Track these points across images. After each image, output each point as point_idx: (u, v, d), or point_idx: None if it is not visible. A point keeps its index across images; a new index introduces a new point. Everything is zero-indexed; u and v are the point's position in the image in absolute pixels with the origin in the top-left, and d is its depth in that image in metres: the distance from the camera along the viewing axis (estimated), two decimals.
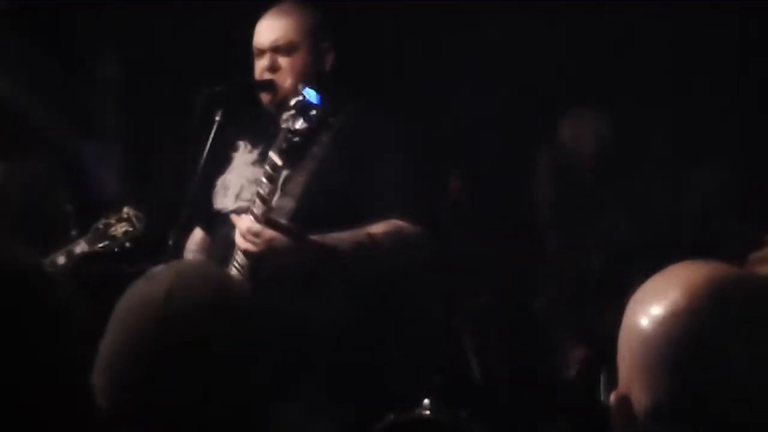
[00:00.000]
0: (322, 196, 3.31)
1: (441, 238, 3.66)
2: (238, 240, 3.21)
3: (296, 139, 3.18)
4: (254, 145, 3.54)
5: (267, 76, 3.44)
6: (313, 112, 3.18)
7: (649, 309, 1.53)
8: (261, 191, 3.21)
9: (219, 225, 3.47)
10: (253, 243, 3.18)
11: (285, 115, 3.20)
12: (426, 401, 3.69)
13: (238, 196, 3.47)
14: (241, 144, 3.57)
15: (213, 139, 3.37)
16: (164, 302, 1.71)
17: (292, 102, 3.19)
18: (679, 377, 1.48)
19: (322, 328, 3.29)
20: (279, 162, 3.18)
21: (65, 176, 4.45)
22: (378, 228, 3.30)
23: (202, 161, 3.36)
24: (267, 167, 3.21)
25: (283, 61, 3.44)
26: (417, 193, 3.42)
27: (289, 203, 3.31)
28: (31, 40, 4.59)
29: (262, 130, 3.52)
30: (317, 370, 3.29)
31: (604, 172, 4.41)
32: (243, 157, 3.55)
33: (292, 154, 3.21)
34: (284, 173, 3.26)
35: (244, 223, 3.20)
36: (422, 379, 3.89)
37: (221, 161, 3.52)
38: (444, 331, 4.44)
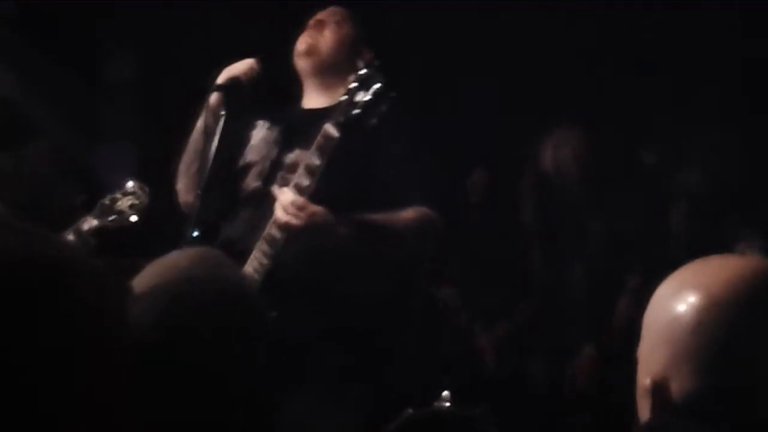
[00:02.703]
0: (343, 179, 3.27)
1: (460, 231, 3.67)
2: (279, 213, 3.15)
3: (356, 111, 3.13)
4: (273, 124, 3.52)
5: (310, 36, 3.46)
6: (378, 85, 3.13)
7: (689, 296, 1.55)
8: (310, 162, 3.16)
9: (237, 207, 3.44)
10: (296, 216, 3.12)
11: (344, 89, 3.16)
12: (445, 393, 3.67)
13: (258, 176, 3.44)
14: (259, 123, 3.55)
15: (221, 133, 3.33)
16: (183, 285, 1.70)
17: (354, 76, 3.15)
18: (728, 363, 1.51)
19: (348, 307, 3.26)
20: (336, 134, 3.13)
21: (77, 169, 4.45)
22: (409, 213, 3.29)
23: (211, 157, 3.31)
24: (321, 138, 3.16)
25: (330, 27, 3.47)
26: (437, 185, 3.42)
27: (306, 181, 3.26)
28: (48, 40, 4.60)
29: (280, 110, 3.53)
30: (339, 350, 3.25)
31: (586, 190, 4.46)
32: (262, 135, 3.52)
33: (350, 127, 3.15)
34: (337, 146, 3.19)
35: (287, 196, 3.15)
36: (439, 372, 3.88)
37: (237, 143, 3.49)
38: (460, 323, 4.45)
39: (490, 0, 4.61)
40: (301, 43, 3.48)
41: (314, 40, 3.45)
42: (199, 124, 3.47)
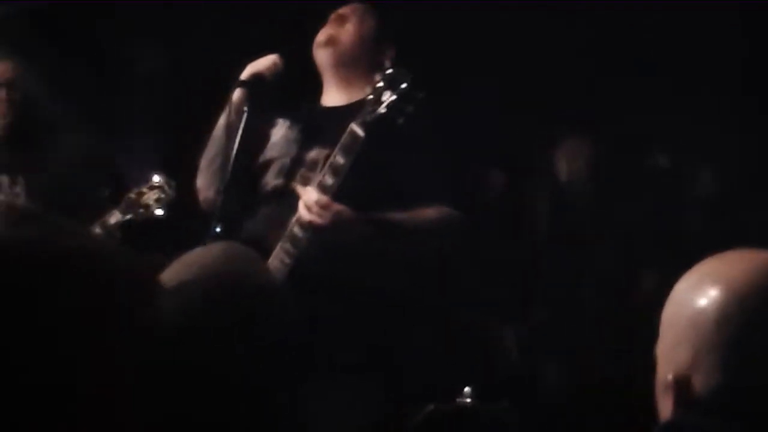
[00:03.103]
0: (367, 177, 3.26)
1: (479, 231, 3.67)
2: (302, 211, 3.15)
3: (382, 111, 3.12)
4: (293, 122, 3.51)
5: (332, 26, 3.46)
6: (404, 85, 3.12)
7: (711, 290, 1.53)
8: (335, 162, 3.15)
9: (258, 204, 3.44)
10: (320, 215, 3.12)
11: (372, 87, 3.15)
12: (467, 389, 3.66)
13: (279, 174, 3.44)
14: (279, 120, 3.54)
15: (244, 129, 3.34)
16: (210, 281, 1.69)
17: (380, 75, 3.15)
18: (752, 359, 1.50)
19: (369, 304, 3.26)
20: (361, 133, 3.13)
21: (101, 164, 4.47)
22: (431, 212, 3.29)
23: (234, 152, 3.33)
24: (346, 138, 3.15)
25: (352, 20, 3.46)
26: (457, 185, 3.41)
27: (330, 180, 3.26)
28: (70, 35, 4.61)
29: (300, 107, 3.53)
30: (360, 347, 3.25)
31: (596, 201, 4.46)
32: (283, 132, 3.51)
33: (376, 127, 3.14)
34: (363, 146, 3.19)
35: (311, 195, 3.14)
36: (462, 368, 3.88)
37: (258, 141, 3.49)
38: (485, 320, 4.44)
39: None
40: (322, 35, 3.47)
41: (335, 32, 3.44)
42: (222, 120, 3.47)
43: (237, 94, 3.42)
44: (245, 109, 3.36)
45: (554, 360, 4.59)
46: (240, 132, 3.33)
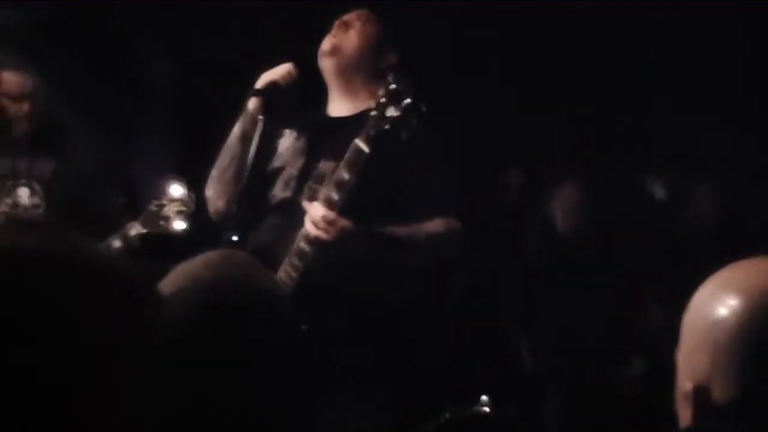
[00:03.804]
0: (370, 191, 3.26)
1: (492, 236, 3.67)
2: (309, 227, 3.17)
3: (386, 126, 3.13)
4: (300, 133, 3.51)
5: (334, 36, 3.45)
6: (407, 100, 3.13)
7: (729, 299, 1.52)
8: (340, 177, 3.17)
9: (265, 215, 3.44)
10: (326, 231, 3.14)
11: (375, 102, 3.16)
12: (484, 398, 3.65)
13: (286, 186, 3.44)
14: (286, 131, 3.54)
15: (260, 138, 3.35)
16: (205, 288, 1.70)
17: (383, 90, 3.15)
18: None
19: (376, 315, 3.27)
20: (366, 149, 3.14)
21: (116, 172, 4.48)
22: (433, 225, 3.30)
23: (250, 161, 3.34)
24: (350, 153, 3.16)
25: (354, 27, 3.45)
26: (459, 194, 3.42)
27: (335, 195, 3.25)
28: (84, 41, 4.62)
29: (307, 118, 3.52)
30: (368, 358, 3.25)
31: (593, 243, 4.45)
32: (289, 144, 3.51)
33: (380, 142, 3.15)
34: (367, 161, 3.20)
35: (317, 210, 3.16)
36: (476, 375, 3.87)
37: (265, 151, 3.48)
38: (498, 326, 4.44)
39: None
40: (326, 43, 3.46)
41: (338, 40, 3.44)
42: (236, 129, 3.47)
43: (252, 103, 3.43)
44: (261, 118, 3.37)
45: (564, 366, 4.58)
46: (255, 141, 3.34)
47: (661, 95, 4.58)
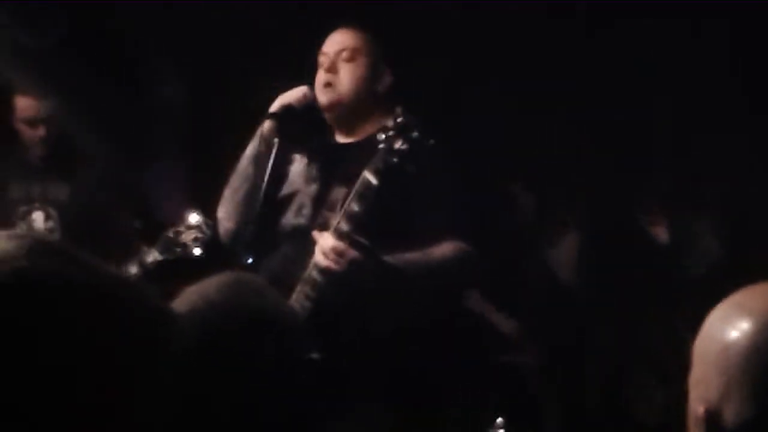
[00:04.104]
0: (378, 219, 3.27)
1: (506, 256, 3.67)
2: (319, 257, 3.18)
3: (394, 159, 3.15)
4: (311, 160, 3.53)
5: (326, 77, 3.45)
6: (414, 133, 3.15)
7: (742, 322, 1.51)
8: (350, 209, 3.18)
9: (277, 243, 3.45)
10: (336, 262, 3.15)
11: (383, 135, 3.17)
12: (499, 420, 3.63)
13: (298, 214, 3.46)
14: (297, 157, 3.56)
15: (274, 161, 3.37)
16: (208, 311, 1.71)
17: (392, 123, 3.17)
18: None
19: (388, 343, 3.28)
20: (374, 182, 3.16)
21: (131, 195, 4.49)
22: (444, 249, 3.31)
23: (265, 184, 3.35)
24: (359, 186, 3.18)
25: (343, 66, 3.45)
26: (468, 216, 3.43)
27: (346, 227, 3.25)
28: (95, 65, 4.64)
29: (318, 145, 3.54)
30: (384, 384, 3.25)
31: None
32: (300, 171, 3.53)
33: (389, 175, 3.16)
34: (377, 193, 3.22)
35: (327, 241, 3.17)
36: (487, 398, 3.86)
37: (278, 175, 3.50)
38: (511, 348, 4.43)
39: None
40: (320, 82, 3.47)
41: (331, 79, 3.45)
42: (249, 151, 3.48)
43: (267, 125, 3.43)
44: (276, 140, 3.37)
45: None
46: (270, 164, 3.35)
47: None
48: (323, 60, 3.48)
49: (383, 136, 3.16)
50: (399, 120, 3.16)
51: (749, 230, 4.35)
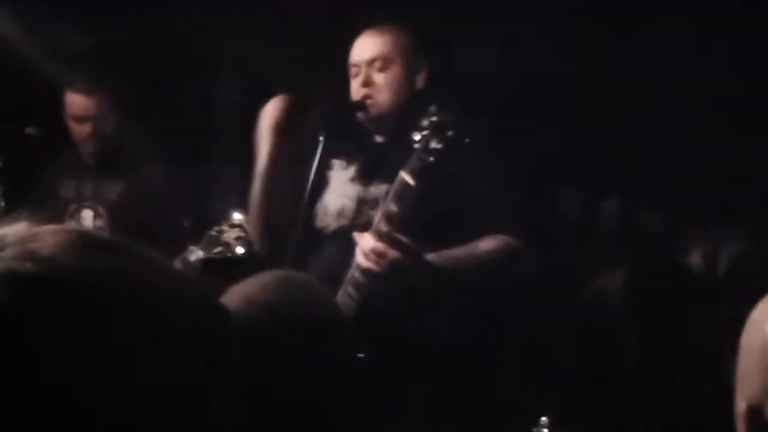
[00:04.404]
0: (426, 212, 3.27)
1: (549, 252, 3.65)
2: (360, 258, 3.19)
3: (430, 159, 3.15)
4: (349, 162, 3.54)
5: (362, 92, 3.45)
6: (450, 132, 3.15)
7: None
8: (388, 210, 3.18)
9: (321, 245, 3.46)
10: (377, 263, 3.16)
11: (418, 135, 3.17)
12: (544, 419, 3.63)
13: (340, 215, 3.47)
14: (336, 162, 3.55)
15: (318, 158, 3.38)
16: (266, 307, 1.72)
17: (426, 122, 3.16)
18: None
19: (434, 342, 3.28)
20: (411, 182, 3.15)
21: (182, 195, 4.53)
22: (487, 245, 3.31)
23: (310, 181, 3.37)
24: (397, 186, 3.18)
25: (378, 77, 3.44)
26: (518, 210, 3.42)
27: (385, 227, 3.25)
28: (154, 65, 4.68)
29: (356, 146, 3.54)
30: (430, 383, 3.26)
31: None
32: (339, 174, 3.53)
33: (425, 174, 3.17)
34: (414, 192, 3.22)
35: (367, 242, 3.18)
36: (537, 395, 3.85)
37: (318, 181, 3.50)
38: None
39: None
40: (357, 95, 3.47)
41: (368, 92, 3.45)
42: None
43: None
44: (321, 138, 3.39)
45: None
46: (317, 160, 3.37)
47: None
48: (355, 71, 3.47)
49: (418, 136, 3.16)
50: (433, 119, 3.15)
51: None
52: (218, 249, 3.88)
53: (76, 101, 4.46)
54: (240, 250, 3.85)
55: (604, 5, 4.29)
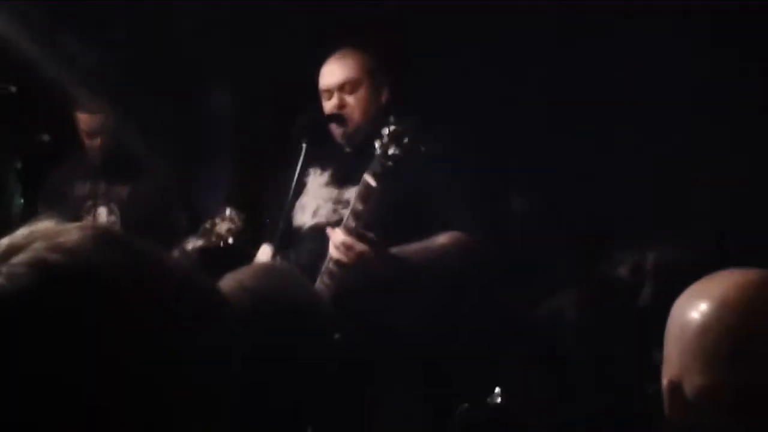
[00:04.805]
0: (389, 210, 3.35)
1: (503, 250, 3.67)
2: (332, 251, 3.26)
3: (389, 163, 3.22)
4: (324, 169, 3.63)
5: (337, 113, 3.54)
6: (406, 139, 3.21)
7: (700, 304, 1.55)
8: (355, 208, 3.26)
9: (300, 240, 3.55)
10: (346, 255, 3.23)
11: (378, 143, 3.24)
12: (497, 389, 3.65)
13: (315, 213, 3.56)
14: (311, 170, 3.65)
15: (301, 162, 3.46)
16: (257, 292, 1.74)
17: (386, 131, 3.23)
18: (734, 360, 1.51)
19: (399, 327, 3.35)
20: (374, 184, 3.23)
21: (181, 196, 4.57)
22: (443, 239, 3.38)
23: (294, 182, 3.46)
24: (361, 187, 3.26)
25: (349, 98, 3.53)
26: (474, 208, 3.48)
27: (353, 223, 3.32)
28: (149, 81, 4.68)
29: (329, 155, 3.61)
30: (394, 360, 3.31)
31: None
32: (316, 180, 3.63)
33: (386, 177, 3.24)
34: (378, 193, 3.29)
35: (338, 236, 3.25)
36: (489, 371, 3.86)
37: (297, 185, 3.58)
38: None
39: None
40: (336, 127, 3.55)
41: (341, 112, 3.53)
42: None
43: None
44: (303, 144, 3.46)
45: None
46: (299, 165, 3.44)
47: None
48: (327, 96, 3.56)
49: (378, 143, 3.23)
50: (392, 128, 3.23)
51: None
52: (212, 239, 3.97)
53: (84, 119, 4.52)
54: (230, 240, 3.95)
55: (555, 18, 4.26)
